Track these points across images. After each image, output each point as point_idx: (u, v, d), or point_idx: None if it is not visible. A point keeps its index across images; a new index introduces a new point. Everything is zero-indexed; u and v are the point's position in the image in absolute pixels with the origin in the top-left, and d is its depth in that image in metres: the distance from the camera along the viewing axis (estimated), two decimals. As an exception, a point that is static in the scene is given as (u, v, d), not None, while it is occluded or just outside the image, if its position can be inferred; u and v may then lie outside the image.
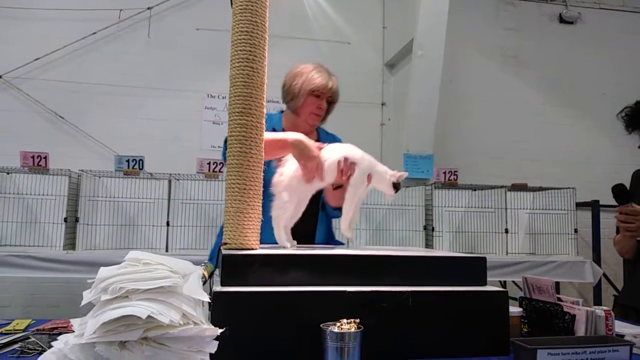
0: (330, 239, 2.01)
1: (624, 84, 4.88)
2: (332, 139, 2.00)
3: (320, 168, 1.53)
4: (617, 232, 2.05)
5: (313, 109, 1.90)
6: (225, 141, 1.51)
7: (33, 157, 2.87)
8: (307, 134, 1.87)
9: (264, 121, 1.37)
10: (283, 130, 1.92)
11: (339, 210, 1.82)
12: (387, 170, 1.58)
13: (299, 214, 1.58)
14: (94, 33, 3.99)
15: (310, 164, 1.52)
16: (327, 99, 1.92)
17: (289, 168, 1.54)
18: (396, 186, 1.57)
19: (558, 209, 3.26)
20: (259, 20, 1.34)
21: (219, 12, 3.71)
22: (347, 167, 1.53)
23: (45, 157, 2.88)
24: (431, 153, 3.82)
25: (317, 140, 1.92)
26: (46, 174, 2.85)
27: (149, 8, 4.09)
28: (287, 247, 1.48)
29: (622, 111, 2.06)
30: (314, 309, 1.11)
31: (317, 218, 1.95)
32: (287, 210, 1.53)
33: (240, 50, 1.32)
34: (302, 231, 1.63)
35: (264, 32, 1.36)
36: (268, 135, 1.52)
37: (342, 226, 1.59)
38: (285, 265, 1.20)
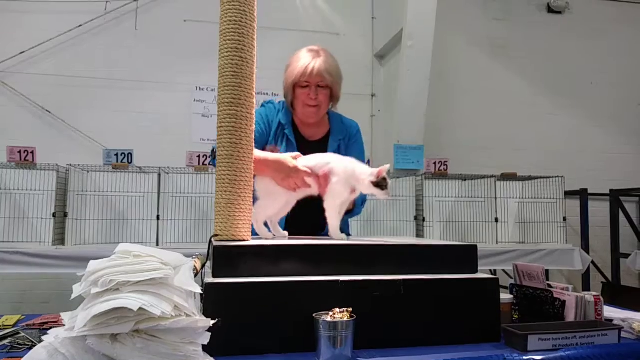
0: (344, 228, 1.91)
1: (612, 73, 4.94)
2: (349, 125, 1.90)
3: (302, 180, 1.48)
4: None
5: (304, 99, 1.74)
6: (213, 150, 1.47)
7: (20, 152, 2.83)
8: (316, 125, 1.84)
9: (254, 112, 1.36)
10: (282, 122, 1.82)
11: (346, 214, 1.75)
12: (368, 172, 1.44)
13: (286, 212, 1.57)
14: (80, 26, 3.93)
15: (287, 181, 1.49)
16: (318, 84, 1.72)
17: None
18: (380, 184, 1.41)
19: (547, 198, 3.29)
20: (247, 10, 1.33)
21: (207, 3, 3.68)
22: (322, 178, 1.47)
23: (32, 152, 2.84)
24: (421, 144, 3.83)
25: (329, 128, 1.87)
26: (34, 169, 2.82)
27: (135, 0, 4.04)
28: (269, 238, 1.49)
29: None
30: (307, 298, 1.12)
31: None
32: (268, 210, 1.52)
33: (229, 40, 1.31)
34: (312, 220, 1.59)
35: (253, 21, 1.35)
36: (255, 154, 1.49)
37: (331, 233, 1.49)
38: (277, 256, 1.20)
